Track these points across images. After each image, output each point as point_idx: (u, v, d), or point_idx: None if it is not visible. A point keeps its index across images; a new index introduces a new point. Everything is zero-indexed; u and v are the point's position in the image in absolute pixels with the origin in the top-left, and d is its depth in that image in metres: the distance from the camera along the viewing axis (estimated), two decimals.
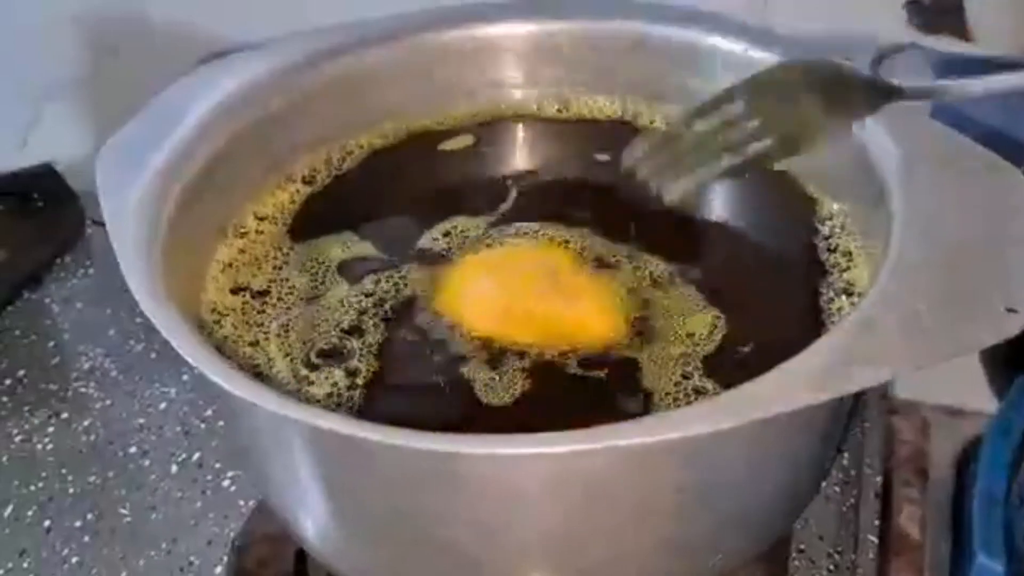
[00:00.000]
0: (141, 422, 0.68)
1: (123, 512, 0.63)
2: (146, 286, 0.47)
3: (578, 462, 0.41)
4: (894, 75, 0.61)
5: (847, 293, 0.51)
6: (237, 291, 0.54)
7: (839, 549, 0.59)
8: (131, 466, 0.66)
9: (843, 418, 0.54)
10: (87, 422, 0.69)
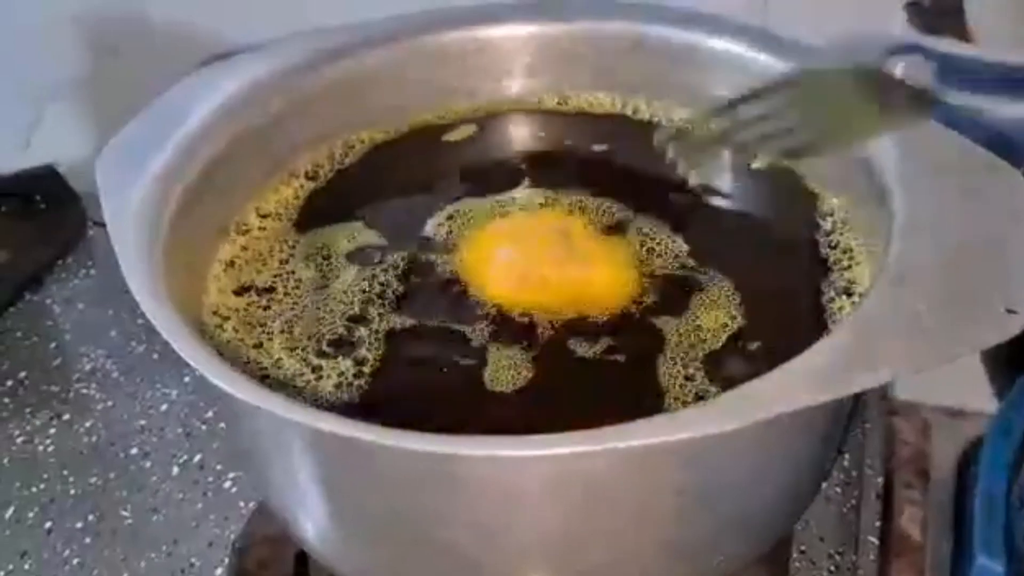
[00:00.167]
0: (142, 423, 0.68)
1: (124, 514, 0.63)
2: (147, 288, 0.47)
3: (578, 464, 0.41)
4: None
5: (847, 293, 0.51)
6: (240, 291, 0.54)
7: (840, 550, 0.59)
8: (132, 467, 0.66)
9: (843, 419, 0.54)
10: (88, 423, 0.69)
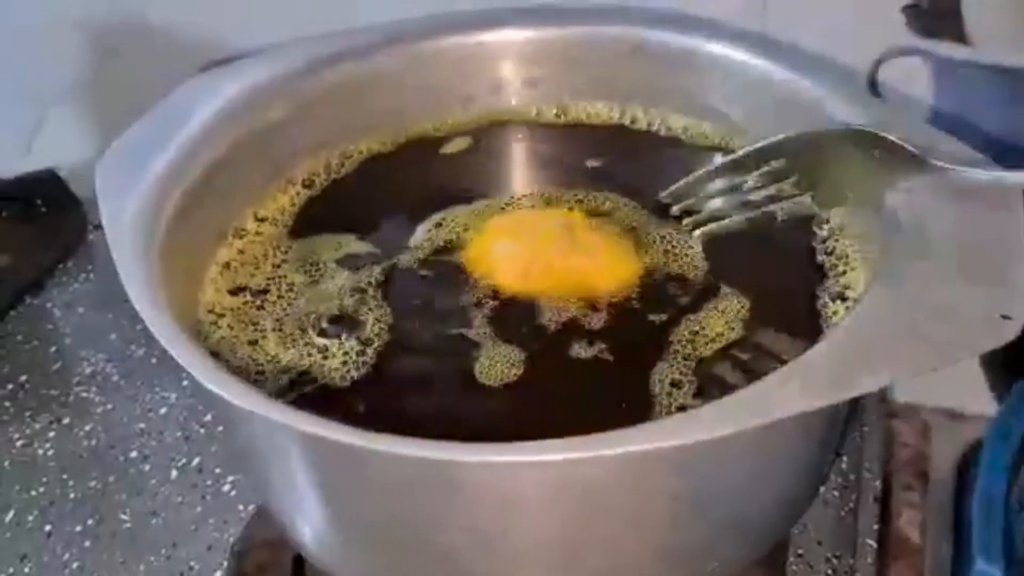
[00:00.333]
0: (142, 427, 0.68)
1: (123, 517, 0.63)
2: (145, 294, 0.47)
3: (573, 470, 0.42)
4: (892, 79, 0.62)
5: (842, 298, 0.51)
6: (236, 292, 0.55)
7: (838, 554, 0.59)
8: (132, 471, 0.66)
9: (840, 424, 0.54)
10: (88, 427, 0.69)
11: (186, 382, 0.70)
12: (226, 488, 0.64)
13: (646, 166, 0.61)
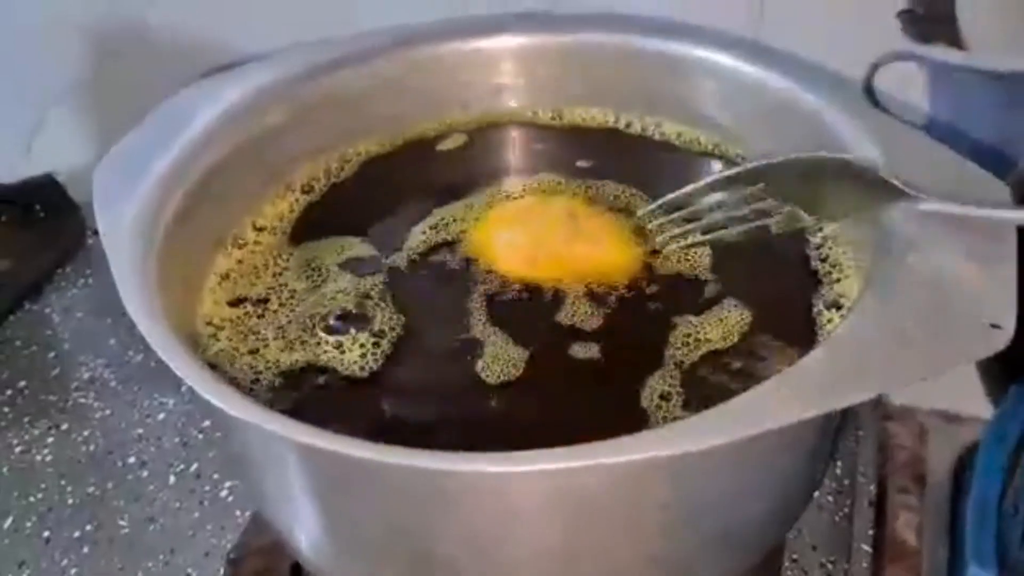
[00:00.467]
0: (140, 432, 0.69)
1: (122, 523, 0.63)
2: (143, 305, 0.47)
3: (566, 479, 0.42)
4: (888, 85, 0.62)
5: (836, 306, 0.51)
6: (235, 303, 0.55)
7: (832, 559, 0.59)
8: (130, 477, 0.66)
9: (832, 432, 0.54)
10: (86, 432, 0.69)
11: (184, 387, 0.70)
12: (224, 494, 0.64)
13: (638, 168, 0.62)
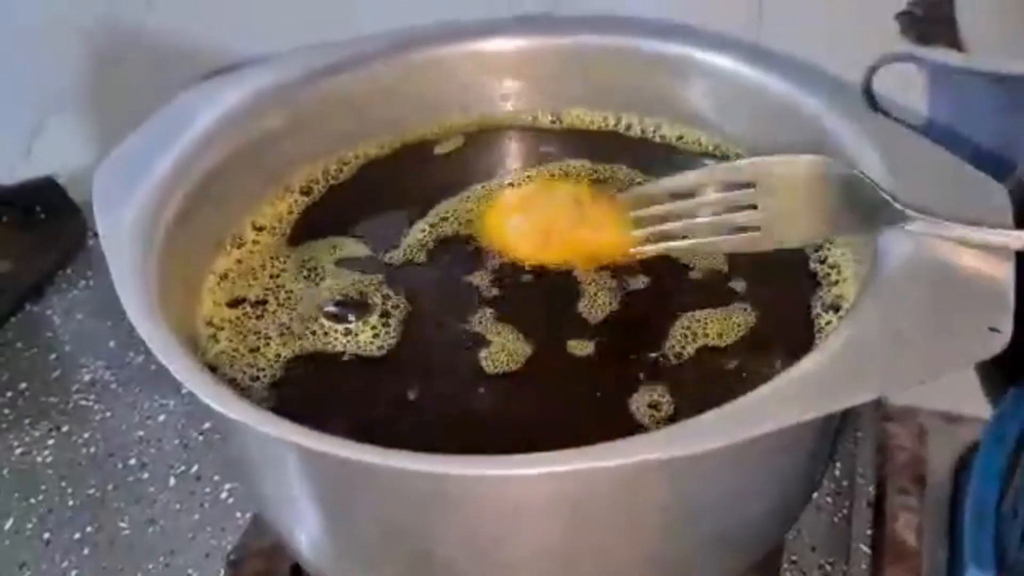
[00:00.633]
0: (140, 434, 0.69)
1: (122, 525, 0.63)
2: (142, 307, 0.47)
3: (567, 482, 0.42)
4: (887, 87, 0.62)
5: (835, 308, 0.51)
6: (234, 303, 0.55)
7: (831, 560, 0.59)
8: (130, 478, 0.66)
9: (831, 434, 0.54)
10: (87, 434, 0.69)
11: (184, 390, 0.70)
12: (224, 495, 0.64)
13: (636, 169, 0.62)
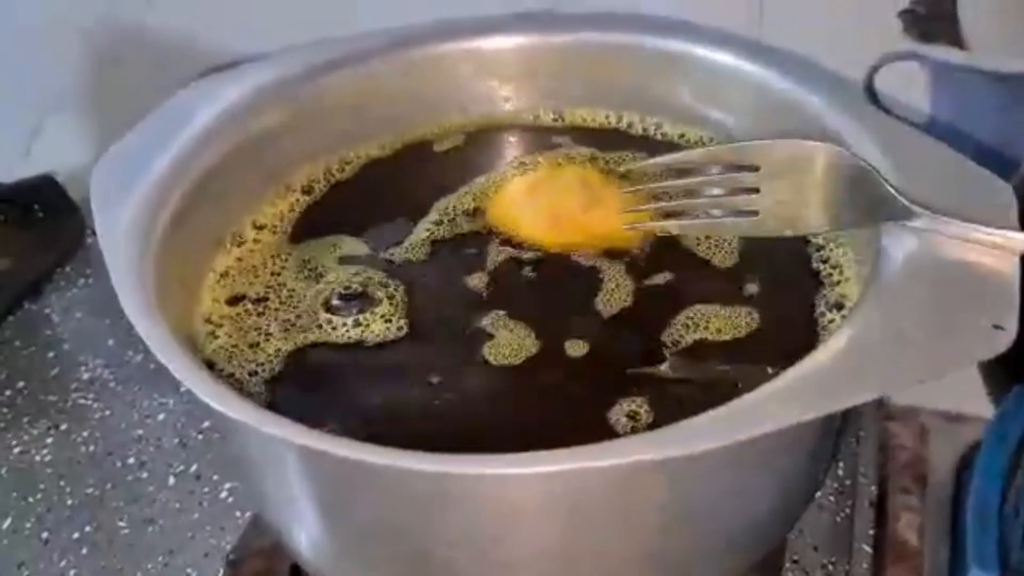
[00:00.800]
0: (139, 433, 0.68)
1: (121, 524, 0.63)
2: (140, 306, 0.47)
3: (567, 481, 0.42)
4: (889, 85, 0.62)
5: (839, 307, 0.51)
6: (234, 301, 0.54)
7: (833, 559, 0.59)
8: (129, 477, 0.66)
9: (833, 434, 0.54)
10: (86, 433, 0.69)
11: (183, 388, 0.70)
12: (223, 495, 0.64)
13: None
